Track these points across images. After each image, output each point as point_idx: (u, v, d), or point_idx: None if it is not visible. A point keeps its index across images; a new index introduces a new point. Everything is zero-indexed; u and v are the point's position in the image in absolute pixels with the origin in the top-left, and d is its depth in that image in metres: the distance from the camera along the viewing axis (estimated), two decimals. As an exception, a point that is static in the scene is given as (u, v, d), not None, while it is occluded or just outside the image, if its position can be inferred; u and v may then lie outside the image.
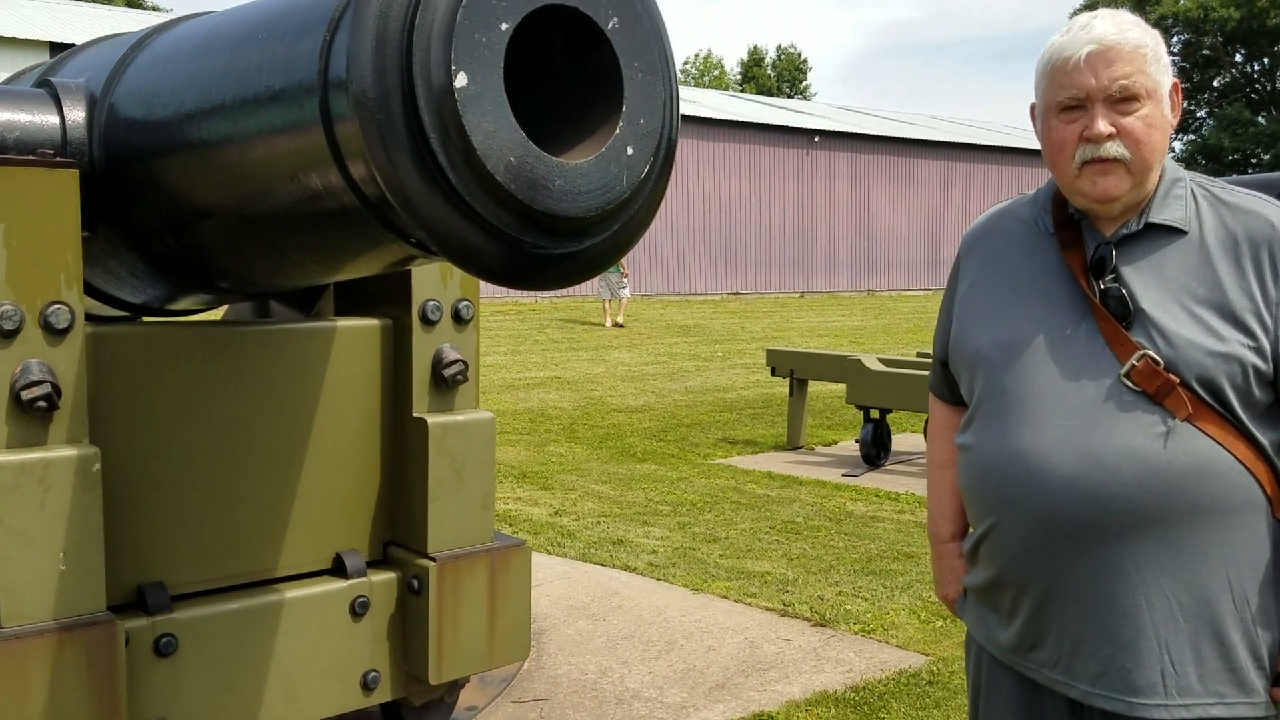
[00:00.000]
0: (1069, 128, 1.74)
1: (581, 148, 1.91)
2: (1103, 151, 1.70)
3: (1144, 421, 1.67)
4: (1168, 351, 1.67)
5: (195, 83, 2.34)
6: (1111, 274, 1.74)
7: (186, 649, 2.82)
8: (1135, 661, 1.69)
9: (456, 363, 3.22)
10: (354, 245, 2.24)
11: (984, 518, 1.84)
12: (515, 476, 7.92)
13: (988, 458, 1.81)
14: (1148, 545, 1.67)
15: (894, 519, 6.77)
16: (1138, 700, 1.69)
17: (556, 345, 17.45)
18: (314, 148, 1.98)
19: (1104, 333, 1.72)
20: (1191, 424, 1.66)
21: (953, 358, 1.97)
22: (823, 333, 20.61)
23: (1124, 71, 1.69)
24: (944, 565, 2.11)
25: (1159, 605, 1.68)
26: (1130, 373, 1.68)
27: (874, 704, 3.88)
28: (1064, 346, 1.75)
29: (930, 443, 2.18)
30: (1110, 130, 1.69)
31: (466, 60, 1.75)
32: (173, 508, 2.87)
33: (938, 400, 2.14)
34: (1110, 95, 1.70)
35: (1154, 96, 1.71)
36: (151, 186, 2.57)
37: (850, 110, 38.67)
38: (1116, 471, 1.67)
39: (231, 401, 2.94)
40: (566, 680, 4.09)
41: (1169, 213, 1.75)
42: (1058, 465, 1.70)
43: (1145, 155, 1.71)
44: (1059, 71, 1.74)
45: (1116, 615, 1.70)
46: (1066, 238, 1.81)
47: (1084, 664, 1.74)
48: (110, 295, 3.02)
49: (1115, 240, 1.76)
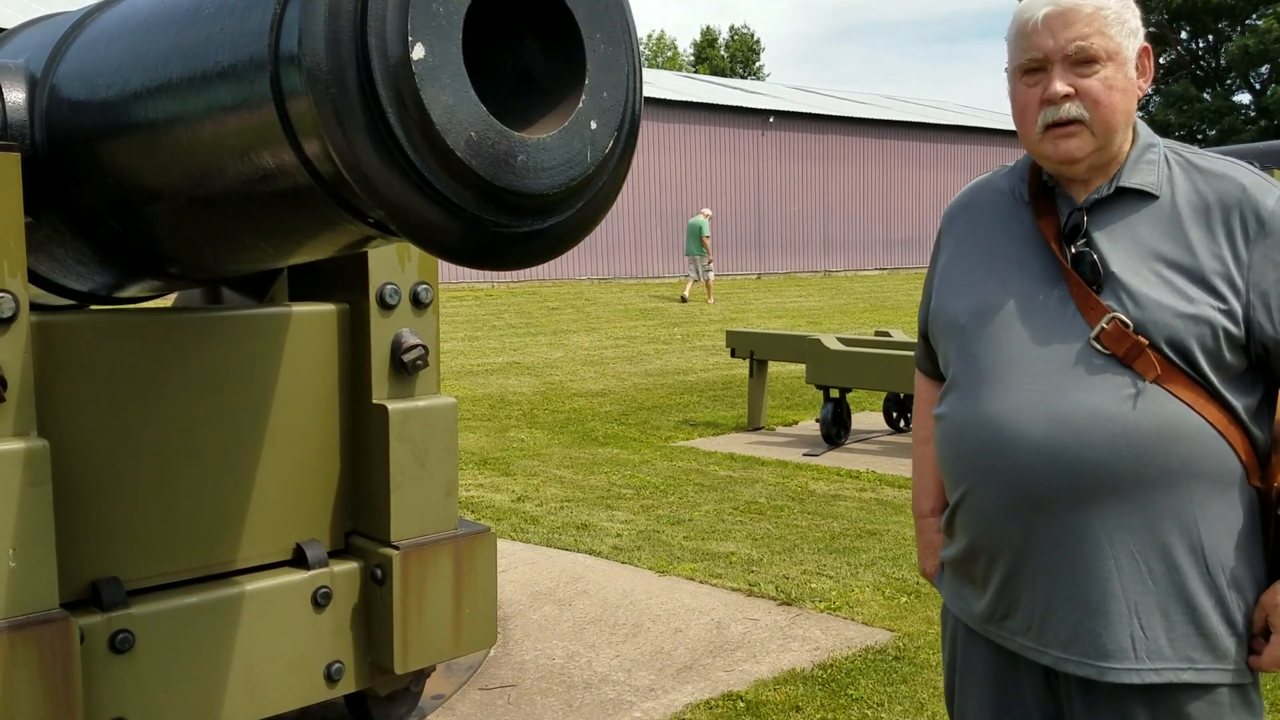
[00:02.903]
0: (1030, 91, 1.74)
1: (544, 122, 1.86)
2: (1062, 113, 1.70)
3: (1113, 384, 1.67)
4: (1137, 314, 1.67)
5: (140, 61, 2.26)
6: (1084, 239, 1.73)
7: (144, 645, 2.75)
8: (1105, 625, 1.69)
9: (416, 347, 3.16)
10: (309, 226, 2.18)
11: (957, 486, 1.83)
12: (476, 463, 7.86)
13: (959, 424, 1.81)
14: (1117, 509, 1.67)
15: (856, 497, 6.79)
16: (1107, 664, 1.69)
17: (515, 330, 17.35)
18: (265, 125, 1.92)
19: (1075, 297, 1.71)
20: (1160, 386, 1.66)
21: (931, 329, 1.96)
22: (780, 314, 20.67)
23: (1081, 33, 1.69)
24: (925, 540, 2.10)
25: (1128, 569, 1.68)
26: (1100, 335, 1.67)
27: (842, 681, 3.89)
28: (1035, 312, 1.75)
29: (915, 417, 2.16)
30: (1067, 90, 1.69)
31: (424, 31, 1.70)
32: (126, 500, 2.79)
33: (921, 375, 2.12)
34: (1068, 56, 1.69)
35: (1115, 59, 1.70)
36: (97, 169, 2.48)
37: (804, 90, 38.72)
38: (1085, 434, 1.66)
39: (184, 391, 2.87)
40: (534, 666, 4.06)
41: (1140, 177, 1.74)
42: (1027, 429, 1.70)
43: (1105, 116, 1.70)
44: (1021, 35, 1.74)
45: (1086, 579, 1.70)
46: (1041, 205, 1.81)
47: (1055, 630, 1.73)
48: (56, 283, 2.93)
49: (1087, 205, 1.75)
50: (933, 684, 3.83)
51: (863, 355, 8.13)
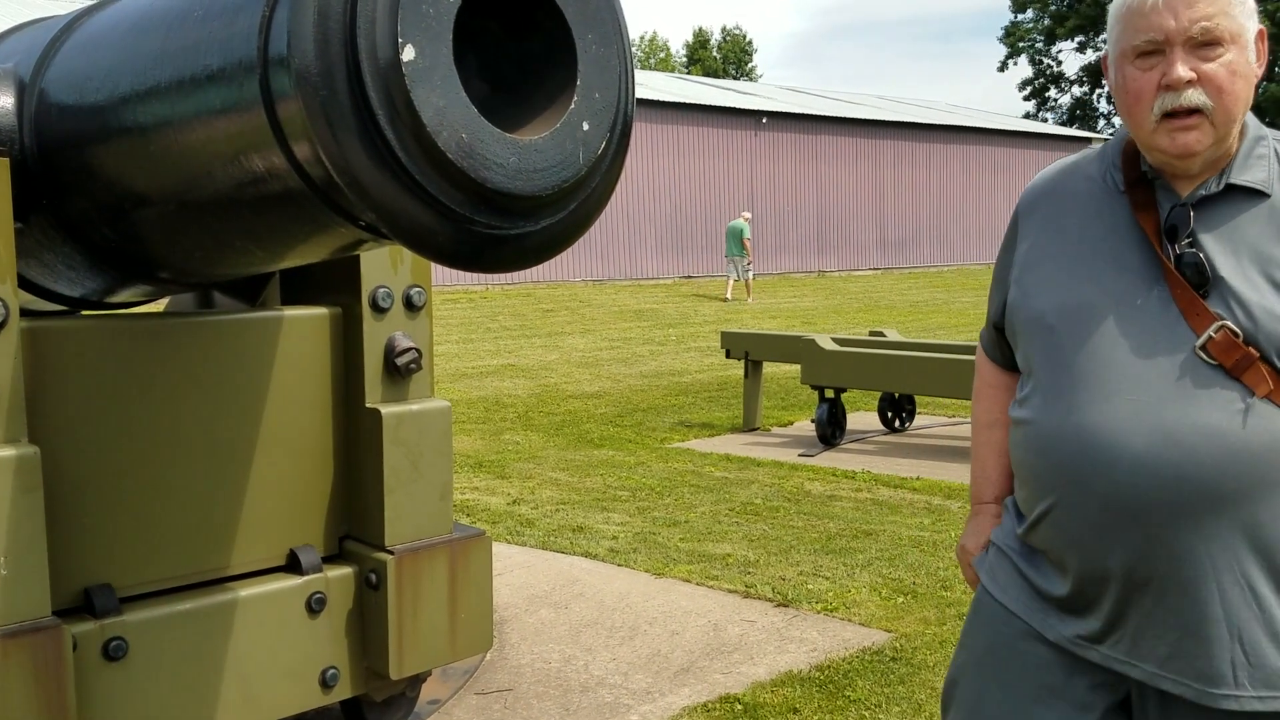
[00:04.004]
0: (1146, 75, 1.61)
1: (536, 123, 1.85)
2: (1183, 100, 1.58)
3: (1222, 398, 1.56)
4: (1247, 323, 1.56)
5: (129, 64, 2.25)
6: (1188, 238, 1.61)
7: (137, 652, 2.74)
8: (1203, 648, 1.60)
9: (409, 350, 3.14)
10: (300, 230, 2.16)
11: (1043, 497, 1.72)
12: (471, 466, 7.84)
13: (1049, 432, 1.69)
14: (1220, 528, 1.57)
15: (851, 497, 6.79)
16: (1205, 688, 1.60)
17: (509, 332, 17.33)
18: (255, 129, 1.90)
19: (1178, 301, 1.60)
20: (1272, 402, 1.56)
21: (1010, 323, 1.83)
22: (775, 314, 20.67)
23: (1206, 12, 1.57)
24: (977, 524, 1.99)
25: (1231, 591, 1.58)
26: (1207, 345, 1.57)
27: (839, 682, 3.88)
28: (1134, 315, 1.63)
29: (977, 402, 2.04)
30: (1191, 76, 1.57)
31: (414, 33, 1.68)
32: (118, 507, 2.77)
33: (987, 359, 2.01)
34: (1191, 38, 1.57)
35: (1238, 41, 1.59)
36: (86, 174, 2.47)
37: (797, 91, 38.74)
38: (1192, 451, 1.56)
39: (176, 396, 2.85)
40: (530, 670, 4.04)
41: (1251, 174, 1.63)
42: (1128, 442, 1.59)
43: (1228, 105, 1.59)
44: (1135, 14, 1.61)
45: (1187, 600, 1.60)
46: (1139, 197, 1.68)
47: (1152, 646, 1.64)
48: (46, 289, 2.92)
49: (1193, 201, 1.64)
50: (930, 684, 3.83)
51: (858, 355, 8.13)
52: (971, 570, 1.98)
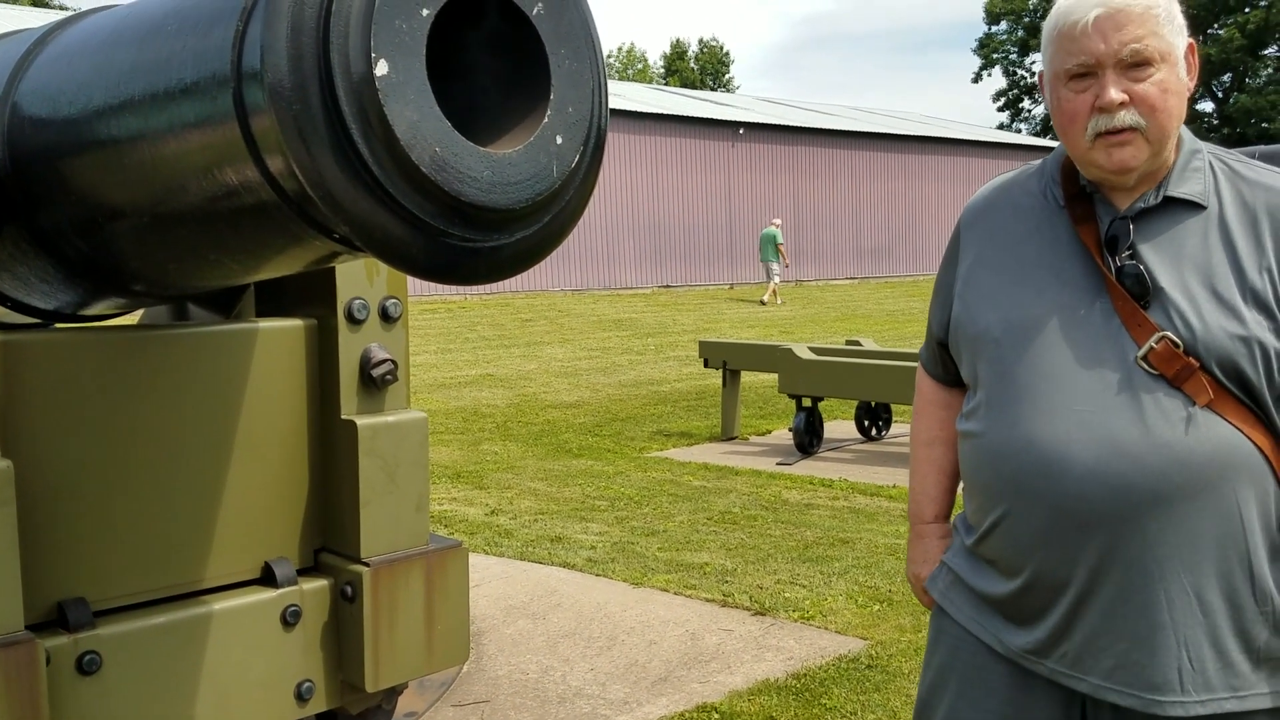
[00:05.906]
0: (1080, 97, 1.64)
1: (509, 137, 1.86)
2: (1116, 121, 1.61)
3: (1165, 407, 1.58)
4: (1186, 334, 1.59)
5: (103, 78, 2.25)
6: (1128, 250, 1.64)
7: (111, 666, 2.72)
8: (1150, 657, 1.62)
9: (385, 362, 3.15)
10: (274, 243, 2.17)
11: (993, 508, 1.74)
12: (449, 476, 7.83)
13: (998, 444, 1.71)
14: (1166, 537, 1.59)
15: (828, 505, 6.82)
16: (1152, 696, 1.62)
17: (488, 342, 17.30)
18: (228, 142, 1.90)
19: (1120, 313, 1.63)
20: (1213, 410, 1.58)
21: (954, 339, 1.85)
22: (753, 324, 20.72)
23: (1135, 34, 1.59)
24: (922, 546, 2.01)
25: (1177, 599, 1.60)
26: (1148, 355, 1.59)
27: (815, 690, 3.89)
28: (1078, 327, 1.65)
29: (916, 419, 2.05)
30: (1123, 98, 1.60)
31: (387, 47, 1.69)
32: (92, 520, 2.76)
33: (927, 376, 2.02)
34: (1121, 60, 1.60)
35: (1168, 59, 1.62)
36: (60, 187, 2.46)
37: (774, 102, 38.91)
38: (1138, 460, 1.58)
39: (150, 408, 2.84)
40: (508, 681, 4.04)
41: (1188, 186, 1.66)
42: (1076, 453, 1.61)
43: (1162, 122, 1.62)
44: (1066, 37, 1.65)
45: (1133, 609, 1.62)
46: (1078, 211, 1.71)
47: (1096, 658, 1.66)
48: (20, 302, 2.90)
49: (1132, 214, 1.67)
50: (906, 692, 3.85)
51: (834, 364, 8.18)
52: (927, 596, 1.99)
